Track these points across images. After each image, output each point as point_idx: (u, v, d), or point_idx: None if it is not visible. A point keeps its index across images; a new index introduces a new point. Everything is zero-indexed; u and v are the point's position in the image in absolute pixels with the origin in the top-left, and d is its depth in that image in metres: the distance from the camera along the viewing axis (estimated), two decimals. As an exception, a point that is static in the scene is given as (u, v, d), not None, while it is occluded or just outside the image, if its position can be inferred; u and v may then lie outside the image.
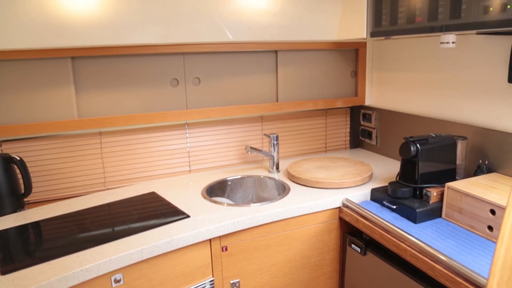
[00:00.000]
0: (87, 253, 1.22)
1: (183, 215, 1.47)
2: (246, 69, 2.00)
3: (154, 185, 1.83)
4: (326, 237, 1.65)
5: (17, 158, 1.54)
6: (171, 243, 1.31)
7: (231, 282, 1.50)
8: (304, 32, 1.82)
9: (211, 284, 1.45)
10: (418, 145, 1.48)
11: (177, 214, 1.48)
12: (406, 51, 1.98)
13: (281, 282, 1.60)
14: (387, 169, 1.95)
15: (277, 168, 1.96)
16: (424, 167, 1.50)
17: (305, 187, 1.73)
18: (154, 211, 1.52)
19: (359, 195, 1.65)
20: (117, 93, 1.78)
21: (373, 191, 1.64)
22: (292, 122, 2.19)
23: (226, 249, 1.46)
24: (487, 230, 1.29)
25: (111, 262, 1.20)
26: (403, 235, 1.32)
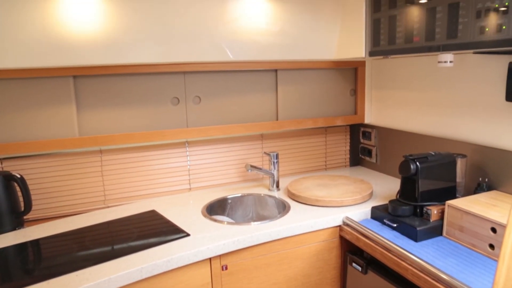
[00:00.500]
0: (87, 272, 1.21)
1: (183, 234, 1.46)
2: (246, 88, 2.02)
3: (154, 203, 1.82)
4: (327, 256, 1.64)
5: (18, 176, 1.54)
6: (171, 262, 1.30)
7: (231, 302, 1.48)
8: (304, 52, 1.85)
9: (211, 304, 1.43)
10: (418, 163, 1.48)
11: (177, 233, 1.47)
12: (405, 70, 2.00)
13: (282, 302, 1.58)
14: (387, 187, 1.95)
15: (277, 186, 1.96)
16: (424, 185, 1.50)
17: (305, 205, 1.73)
18: (154, 230, 1.51)
19: (360, 213, 1.64)
20: (118, 112, 1.79)
21: (374, 209, 1.63)
22: (292, 140, 2.20)
23: (226, 268, 1.45)
24: (489, 248, 1.29)
25: (110, 281, 1.19)
26: (404, 254, 1.32)
